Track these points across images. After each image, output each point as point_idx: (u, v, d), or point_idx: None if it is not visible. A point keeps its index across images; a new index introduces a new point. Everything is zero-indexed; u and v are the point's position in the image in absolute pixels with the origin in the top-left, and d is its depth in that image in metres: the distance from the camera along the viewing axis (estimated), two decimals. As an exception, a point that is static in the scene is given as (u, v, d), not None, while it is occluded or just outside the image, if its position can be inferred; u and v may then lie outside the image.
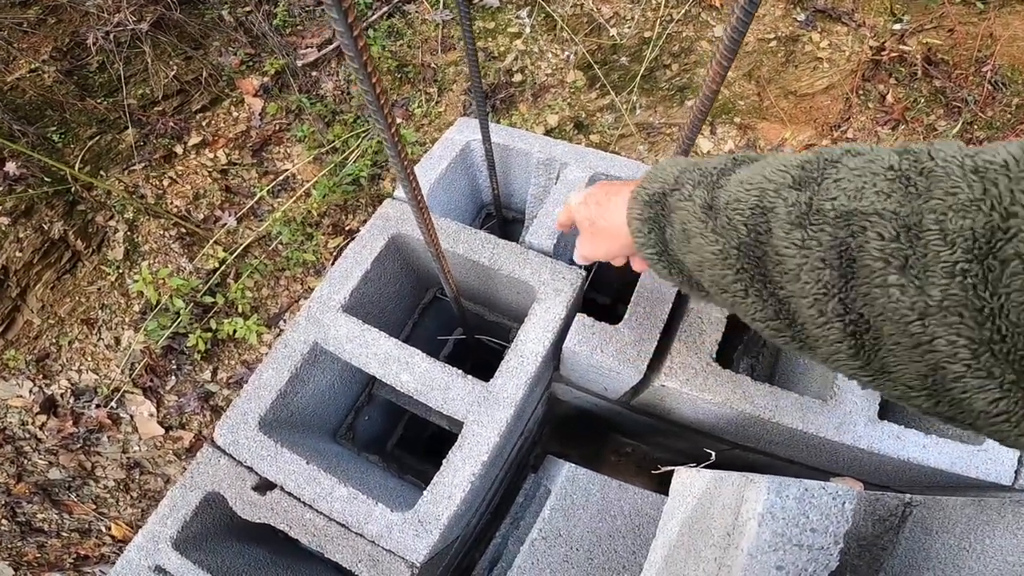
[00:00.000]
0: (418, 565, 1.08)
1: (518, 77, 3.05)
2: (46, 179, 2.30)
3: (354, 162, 2.96)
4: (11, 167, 2.14)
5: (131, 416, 2.79)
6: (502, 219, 1.89)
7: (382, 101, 0.62)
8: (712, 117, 2.64)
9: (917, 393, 0.41)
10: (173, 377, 2.84)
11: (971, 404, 0.38)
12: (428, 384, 1.17)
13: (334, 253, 2.84)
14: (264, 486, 1.22)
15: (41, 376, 2.66)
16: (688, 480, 0.92)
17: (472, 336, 1.66)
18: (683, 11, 2.48)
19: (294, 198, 2.80)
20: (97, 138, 2.43)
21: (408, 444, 1.99)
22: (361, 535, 1.11)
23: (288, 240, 2.82)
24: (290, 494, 1.18)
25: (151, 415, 2.81)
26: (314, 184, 2.79)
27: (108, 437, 2.75)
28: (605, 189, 0.81)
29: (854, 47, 2.45)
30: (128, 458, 2.80)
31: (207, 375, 2.91)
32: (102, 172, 2.69)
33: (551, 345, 1.19)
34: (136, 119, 2.53)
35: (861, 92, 2.46)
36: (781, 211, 0.46)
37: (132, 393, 2.77)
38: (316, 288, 1.36)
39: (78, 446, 2.72)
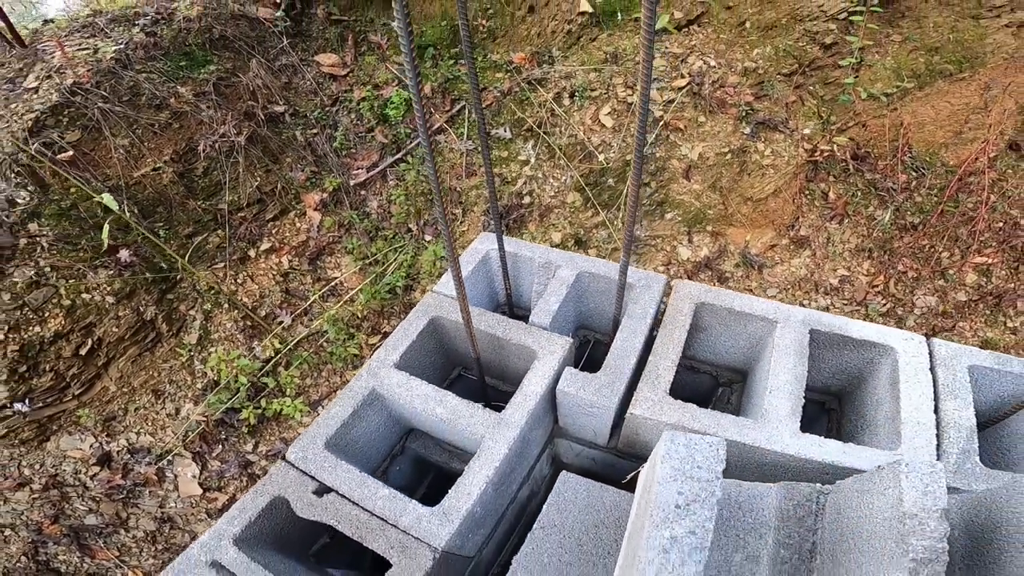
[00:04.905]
0: (440, 549, 1.41)
1: (527, 199, 3.67)
2: (161, 267, 2.88)
3: (392, 273, 3.52)
4: (124, 254, 2.70)
5: (175, 475, 3.11)
6: (513, 316, 2.35)
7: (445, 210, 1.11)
8: (688, 227, 3.19)
9: None
10: (220, 446, 3.20)
11: None
12: (456, 414, 1.58)
13: (373, 349, 3.29)
14: (322, 491, 1.59)
15: (104, 434, 3.04)
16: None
17: (489, 404, 2.06)
18: (655, 135, 3.12)
19: (340, 303, 3.33)
20: (193, 237, 3.04)
21: (432, 502, 2.30)
22: (396, 526, 1.46)
23: (334, 337, 3.30)
24: (343, 496, 1.54)
25: (194, 476, 3.13)
26: (359, 290, 3.33)
27: (150, 492, 3.05)
28: None
29: (791, 151, 2.95)
30: (163, 513, 3.07)
31: (250, 447, 3.27)
32: (190, 268, 3.27)
33: (548, 387, 1.61)
34: (224, 222, 3.16)
35: (807, 192, 2.99)
36: None
37: (181, 456, 3.11)
38: (374, 353, 1.81)
39: (120, 496, 3.01)
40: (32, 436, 3.06)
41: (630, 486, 1.49)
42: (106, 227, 2.01)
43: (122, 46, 2.79)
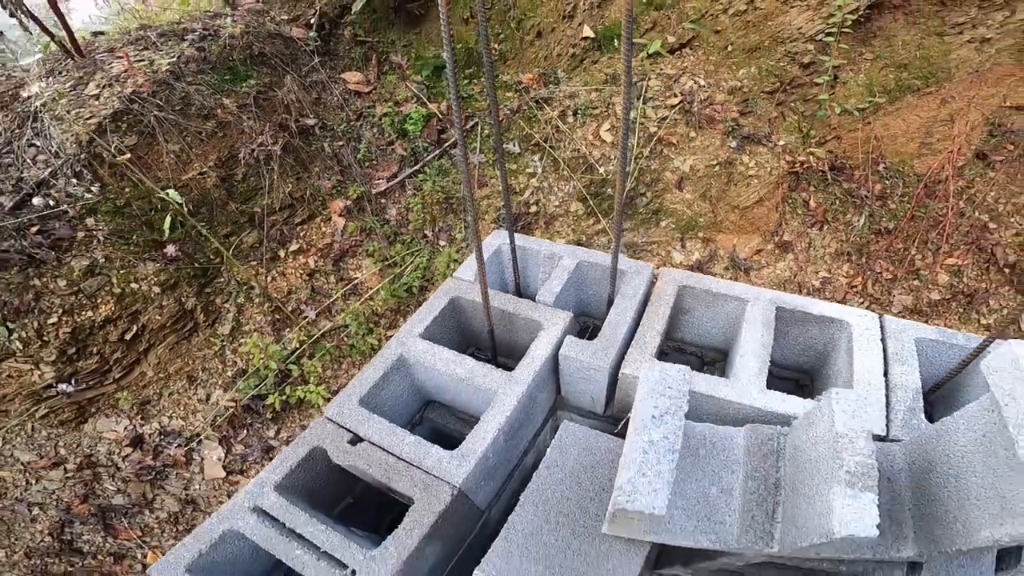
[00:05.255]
0: (457, 487, 1.65)
1: (534, 208, 3.96)
2: (202, 263, 3.19)
3: (408, 274, 3.80)
4: (171, 249, 3.00)
5: (202, 458, 3.33)
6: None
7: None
8: (681, 233, 3.46)
9: None
10: (245, 431, 3.44)
11: None
12: (473, 373, 1.83)
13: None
14: (355, 440, 1.83)
15: (139, 417, 3.29)
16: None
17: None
18: (649, 149, 3.41)
19: (360, 301, 3.62)
20: (231, 237, 3.34)
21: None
22: (420, 468, 1.70)
23: (355, 331, 3.57)
24: (373, 443, 1.78)
25: (219, 459, 3.35)
26: (378, 289, 3.62)
27: (176, 474, 3.27)
28: None
29: (774, 163, 3.22)
30: (187, 495, 3.28)
31: (272, 433, 3.50)
32: (225, 265, 3.55)
33: (552, 352, 1.87)
34: (258, 225, 3.46)
35: (789, 201, 3.26)
36: None
37: (209, 440, 3.35)
38: (402, 326, 2.07)
39: (149, 477, 3.22)
40: (71, 417, 3.31)
41: (622, 436, 1.73)
42: (168, 219, 2.31)
43: (175, 59, 3.13)
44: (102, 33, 3.77)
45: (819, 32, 3.08)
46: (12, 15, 2.88)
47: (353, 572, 1.64)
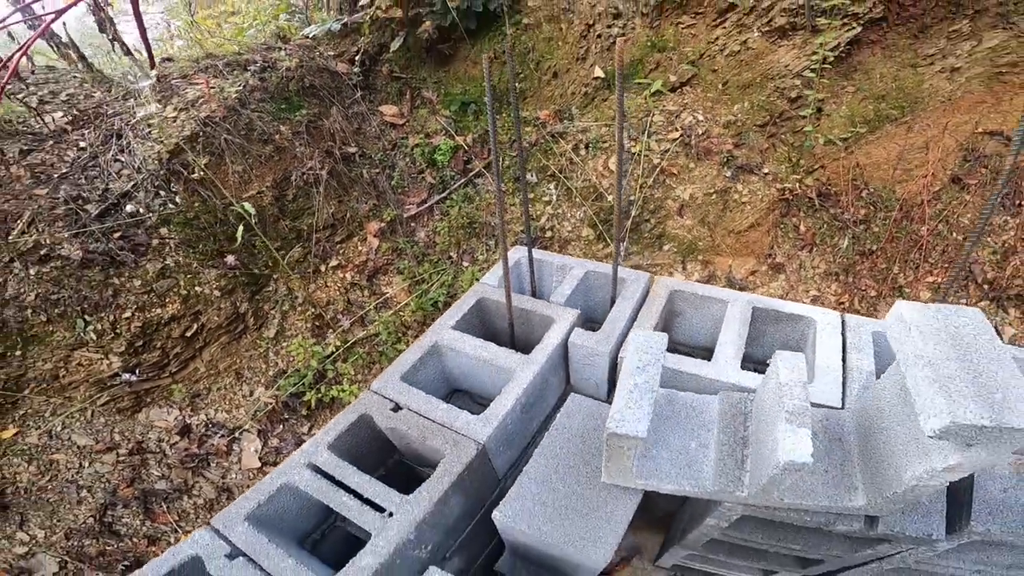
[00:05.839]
0: (481, 443, 1.98)
1: (549, 233, 4.34)
2: (254, 272, 3.63)
3: (435, 291, 4.20)
4: (230, 259, 3.44)
5: (240, 449, 3.66)
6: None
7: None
8: (682, 256, 3.82)
9: None
10: (281, 425, 3.78)
11: None
12: (496, 356, 2.19)
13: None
14: (397, 408, 2.18)
15: (189, 408, 3.65)
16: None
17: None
18: (653, 179, 3.79)
19: (391, 313, 4.01)
20: (279, 251, 3.77)
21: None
22: (451, 428, 2.03)
23: (385, 339, 3.94)
24: (412, 410, 2.13)
25: (256, 451, 3.68)
26: (407, 303, 4.03)
27: (217, 463, 3.59)
28: None
29: (765, 191, 3.54)
30: (224, 483, 3.58)
31: (305, 428, 3.84)
32: (275, 276, 3.98)
33: (562, 340, 2.22)
34: (303, 241, 3.90)
35: (781, 226, 3.60)
36: None
37: (249, 432, 3.69)
38: (436, 320, 2.44)
39: (192, 465, 3.53)
40: (129, 405, 3.68)
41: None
42: (240, 228, 2.73)
43: (241, 88, 3.64)
44: (171, 60, 4.29)
45: (804, 68, 3.48)
46: (112, 40, 3.43)
47: (391, 514, 1.97)
